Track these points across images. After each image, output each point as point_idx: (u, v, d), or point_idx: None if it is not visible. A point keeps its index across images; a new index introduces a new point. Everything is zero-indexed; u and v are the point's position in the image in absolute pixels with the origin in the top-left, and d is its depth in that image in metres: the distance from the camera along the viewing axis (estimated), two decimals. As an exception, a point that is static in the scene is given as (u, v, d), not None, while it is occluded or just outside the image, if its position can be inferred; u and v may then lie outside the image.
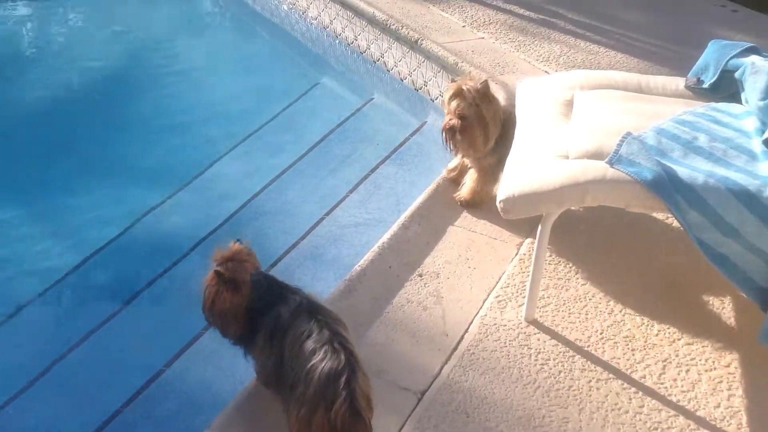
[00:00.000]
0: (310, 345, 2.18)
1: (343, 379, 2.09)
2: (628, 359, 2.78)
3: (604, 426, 2.53)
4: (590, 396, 2.63)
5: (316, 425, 2.10)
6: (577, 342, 2.84)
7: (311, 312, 2.27)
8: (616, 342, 2.85)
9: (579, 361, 2.76)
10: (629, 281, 3.15)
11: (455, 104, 3.25)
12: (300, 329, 2.23)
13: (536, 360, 2.76)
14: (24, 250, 3.79)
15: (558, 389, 2.65)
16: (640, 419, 2.56)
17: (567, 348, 2.81)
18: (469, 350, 2.78)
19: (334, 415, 2.07)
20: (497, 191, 2.83)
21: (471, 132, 3.25)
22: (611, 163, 2.64)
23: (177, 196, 4.16)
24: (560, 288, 3.08)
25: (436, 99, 4.75)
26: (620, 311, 2.99)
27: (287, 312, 2.30)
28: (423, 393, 2.61)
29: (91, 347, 3.25)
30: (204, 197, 4.18)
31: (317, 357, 2.14)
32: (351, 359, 2.14)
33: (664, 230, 3.44)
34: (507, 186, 2.76)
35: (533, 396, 2.62)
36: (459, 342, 2.82)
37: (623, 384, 2.68)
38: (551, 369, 2.73)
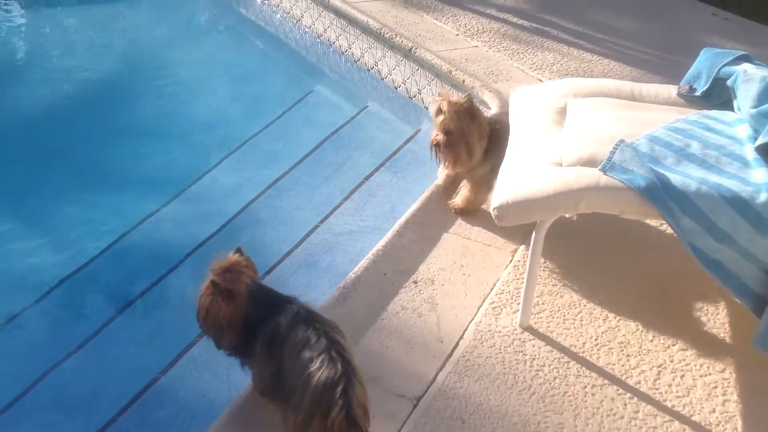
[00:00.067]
0: (308, 354, 2.18)
1: (340, 388, 2.09)
2: (623, 365, 2.79)
3: (600, 431, 2.54)
4: (585, 402, 2.64)
5: (313, 434, 2.11)
6: (572, 348, 2.85)
7: (309, 321, 2.27)
8: (611, 348, 2.86)
9: (574, 367, 2.77)
10: (624, 287, 3.16)
11: (440, 120, 3.30)
12: (298, 338, 2.23)
13: (531, 366, 2.77)
14: (18, 258, 3.77)
15: (553, 395, 2.66)
16: (636, 425, 2.57)
17: (562, 354, 2.82)
18: (464, 357, 2.79)
19: (331, 424, 2.07)
20: (491, 199, 2.84)
21: (456, 147, 3.31)
22: (604, 171, 2.66)
23: (172, 204, 4.15)
24: (555, 294, 3.09)
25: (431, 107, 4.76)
26: (615, 317, 3.00)
27: (285, 321, 2.29)
28: (418, 399, 2.61)
29: (87, 355, 3.23)
30: (199, 205, 4.17)
31: (314, 366, 2.14)
32: (348, 368, 2.14)
33: (658, 236, 3.45)
34: (501, 193, 2.77)
35: (528, 402, 2.63)
36: (454, 348, 2.83)
37: (618, 390, 2.69)
38: (546, 375, 2.74)
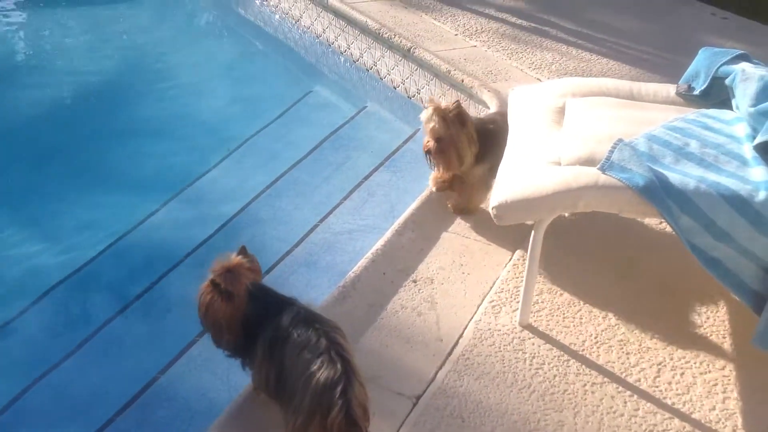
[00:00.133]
0: (308, 355, 2.18)
1: (340, 389, 2.09)
2: (623, 363, 2.80)
3: (600, 429, 2.54)
4: (585, 400, 2.64)
5: (313, 434, 2.11)
6: (572, 346, 2.85)
7: (309, 321, 2.27)
8: (611, 346, 2.86)
9: (574, 365, 2.77)
10: (623, 286, 3.16)
11: (430, 127, 3.33)
12: (298, 339, 2.23)
13: (531, 364, 2.77)
14: (18, 258, 3.78)
15: (553, 393, 2.66)
16: (636, 422, 2.57)
17: (562, 352, 2.82)
18: (464, 355, 2.79)
19: (330, 424, 2.07)
20: (490, 198, 2.85)
21: (446, 152, 3.35)
22: (603, 170, 2.66)
23: (172, 204, 4.16)
24: (554, 293, 3.09)
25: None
26: (614, 316, 3.00)
27: (286, 322, 2.30)
28: (418, 398, 2.61)
29: (86, 355, 3.24)
30: (198, 205, 4.18)
31: (314, 366, 2.14)
32: (348, 368, 2.14)
33: (657, 235, 3.46)
34: (500, 192, 2.78)
35: (528, 400, 2.63)
36: (454, 347, 2.83)
37: (618, 387, 2.69)
38: (546, 373, 2.74)
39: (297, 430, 2.15)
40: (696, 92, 3.21)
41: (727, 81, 3.09)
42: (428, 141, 3.37)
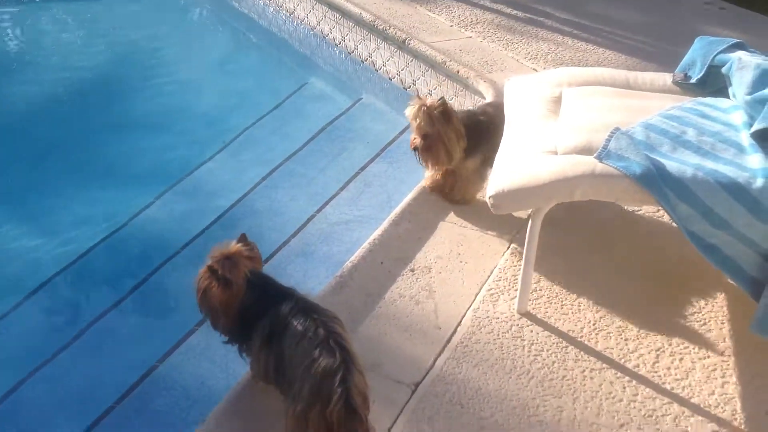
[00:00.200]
0: (306, 344, 2.19)
1: (339, 377, 2.09)
2: (621, 349, 2.80)
3: (599, 414, 2.54)
4: (584, 385, 2.65)
5: (313, 423, 2.11)
6: (570, 333, 2.86)
7: (307, 311, 2.28)
8: (609, 332, 2.87)
9: (572, 352, 2.78)
10: (621, 273, 3.17)
11: (416, 124, 3.33)
12: (296, 329, 2.24)
13: (530, 351, 2.78)
14: (15, 249, 3.78)
15: (552, 379, 2.67)
16: (635, 407, 2.58)
17: (560, 339, 2.83)
18: (462, 343, 2.80)
19: (330, 413, 2.07)
20: (487, 188, 2.85)
21: (433, 149, 3.35)
22: (600, 158, 2.66)
23: (167, 196, 4.15)
24: (552, 280, 3.10)
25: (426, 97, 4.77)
26: (613, 302, 3.00)
27: (284, 312, 2.30)
28: (417, 385, 2.62)
29: (85, 344, 3.24)
30: (195, 196, 4.18)
31: (313, 355, 2.15)
32: (347, 357, 2.14)
33: (655, 223, 3.47)
34: (496, 182, 2.78)
35: (527, 386, 2.64)
36: (452, 335, 2.84)
37: (617, 373, 2.70)
38: (545, 360, 2.74)
39: (297, 418, 2.15)
40: (693, 81, 3.22)
41: (724, 69, 3.09)
42: (414, 138, 3.38)
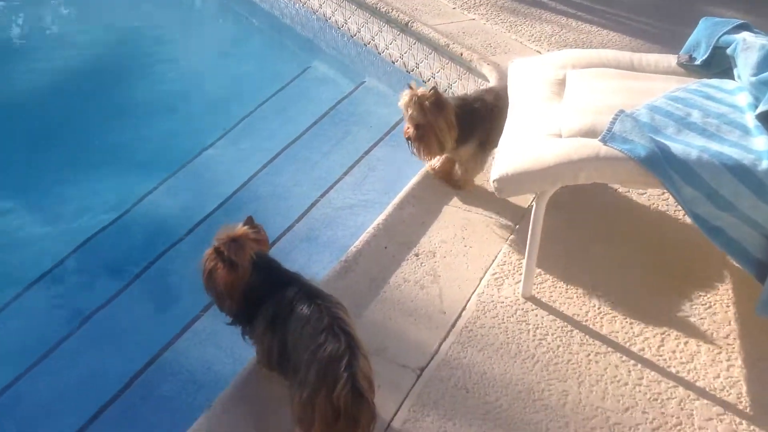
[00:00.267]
0: (311, 330, 2.19)
1: (344, 362, 2.10)
2: (627, 332, 2.80)
3: (604, 398, 2.55)
4: (589, 369, 2.65)
5: (319, 407, 2.11)
6: (575, 317, 2.86)
7: (311, 297, 2.28)
8: (614, 316, 2.87)
9: (577, 336, 2.78)
10: (626, 256, 3.17)
11: (408, 113, 3.32)
12: (301, 314, 2.24)
13: (534, 335, 2.78)
14: (20, 237, 3.78)
15: (557, 363, 2.67)
16: (640, 390, 2.58)
17: (565, 323, 2.83)
18: (467, 327, 2.80)
19: (337, 397, 2.08)
20: (490, 171, 2.84)
21: (425, 138, 3.34)
22: (605, 141, 2.65)
23: (171, 182, 4.15)
24: (557, 265, 3.09)
25: (429, 80, 4.75)
26: (617, 286, 3.00)
27: (288, 297, 2.30)
28: (422, 370, 2.62)
29: (90, 330, 3.25)
30: (198, 182, 4.18)
31: (318, 341, 2.15)
32: (351, 342, 2.15)
33: (660, 206, 3.46)
34: (500, 165, 2.77)
35: (532, 370, 2.64)
36: (457, 319, 2.84)
37: (622, 357, 2.70)
38: (550, 344, 2.75)
39: (303, 404, 2.16)
40: (697, 62, 3.20)
41: (729, 50, 3.08)
42: (408, 128, 3.37)
